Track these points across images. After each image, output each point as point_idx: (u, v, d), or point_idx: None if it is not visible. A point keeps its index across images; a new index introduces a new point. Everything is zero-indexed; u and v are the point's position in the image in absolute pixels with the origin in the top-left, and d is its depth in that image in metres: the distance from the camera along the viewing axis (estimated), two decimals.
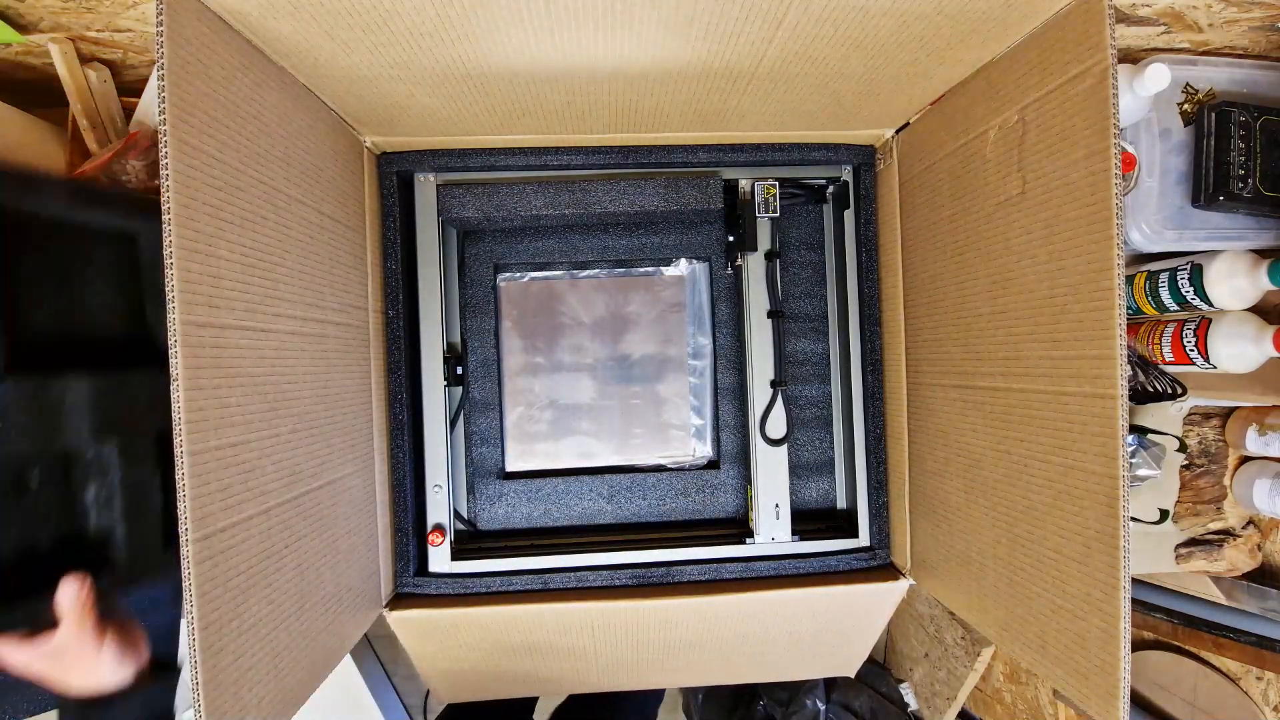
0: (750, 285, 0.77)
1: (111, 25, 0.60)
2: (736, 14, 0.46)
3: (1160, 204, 0.67)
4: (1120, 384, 0.42)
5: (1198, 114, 0.66)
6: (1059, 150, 0.47)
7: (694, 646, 0.76)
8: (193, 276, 0.41)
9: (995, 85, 0.53)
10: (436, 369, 0.73)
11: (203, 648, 0.40)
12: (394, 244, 0.71)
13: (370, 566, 0.66)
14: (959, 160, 0.59)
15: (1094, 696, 0.46)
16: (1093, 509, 0.45)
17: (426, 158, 0.71)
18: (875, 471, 0.76)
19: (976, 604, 0.60)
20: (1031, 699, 1.12)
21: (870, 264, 0.76)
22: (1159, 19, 0.63)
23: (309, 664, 0.53)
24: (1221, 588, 0.86)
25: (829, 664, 0.88)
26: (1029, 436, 0.52)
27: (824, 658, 0.86)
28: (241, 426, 0.45)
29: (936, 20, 0.48)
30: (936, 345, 0.65)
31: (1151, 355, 0.73)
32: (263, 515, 0.48)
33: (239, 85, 0.45)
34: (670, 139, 0.71)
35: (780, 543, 0.75)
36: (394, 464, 0.71)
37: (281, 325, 0.51)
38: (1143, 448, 0.79)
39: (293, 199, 0.53)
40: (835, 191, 0.79)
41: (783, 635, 0.77)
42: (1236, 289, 0.65)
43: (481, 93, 0.57)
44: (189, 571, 0.39)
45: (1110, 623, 0.44)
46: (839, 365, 0.80)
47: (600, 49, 0.50)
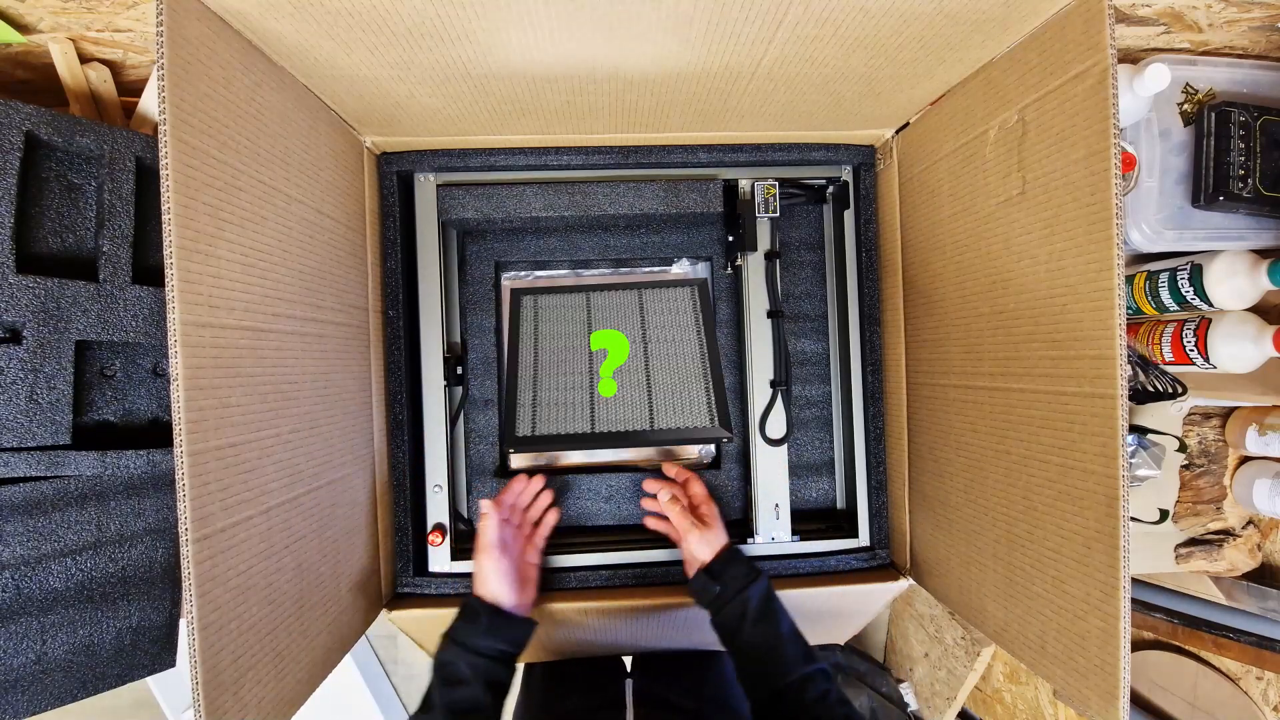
0: (750, 285, 0.77)
1: (111, 25, 0.60)
2: (736, 14, 0.46)
3: (1160, 204, 0.67)
4: (1120, 384, 0.42)
5: (1198, 114, 0.66)
6: (1059, 150, 0.47)
7: (692, 632, 0.76)
8: (193, 276, 0.41)
9: (995, 85, 0.54)
10: (436, 369, 0.73)
11: (203, 648, 0.40)
12: (394, 244, 0.71)
13: (370, 566, 0.66)
14: (959, 160, 0.59)
15: (1094, 696, 0.46)
16: (1093, 509, 0.45)
17: (426, 158, 0.71)
18: (875, 471, 0.76)
19: (976, 604, 0.60)
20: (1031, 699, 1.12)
21: (870, 264, 0.76)
22: (1159, 19, 0.63)
23: (309, 664, 0.53)
24: (1221, 588, 0.86)
25: (821, 638, 0.92)
26: (1029, 436, 0.52)
27: (818, 635, 0.89)
28: (241, 426, 0.45)
29: (937, 20, 0.48)
30: (936, 345, 0.65)
31: (1151, 355, 0.73)
32: (263, 515, 0.48)
33: (239, 85, 0.45)
34: (670, 139, 0.71)
35: (780, 543, 0.75)
36: (394, 464, 0.71)
37: (281, 325, 0.51)
38: (1143, 448, 0.79)
39: (292, 199, 0.53)
40: (835, 191, 0.79)
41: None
42: (1236, 289, 0.65)
43: (481, 93, 0.57)
44: (189, 571, 0.39)
45: (1110, 623, 0.44)
46: (839, 365, 0.80)
47: (600, 49, 0.50)
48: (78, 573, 0.57)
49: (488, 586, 0.61)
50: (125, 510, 0.60)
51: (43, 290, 0.53)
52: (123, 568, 0.60)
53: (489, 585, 0.61)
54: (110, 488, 0.59)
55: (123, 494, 0.59)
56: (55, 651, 0.56)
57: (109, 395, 0.60)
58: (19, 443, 0.52)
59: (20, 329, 0.52)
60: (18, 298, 0.52)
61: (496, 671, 0.56)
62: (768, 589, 0.61)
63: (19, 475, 0.53)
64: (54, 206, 0.56)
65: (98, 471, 0.57)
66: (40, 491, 0.55)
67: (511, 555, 0.64)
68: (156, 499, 0.61)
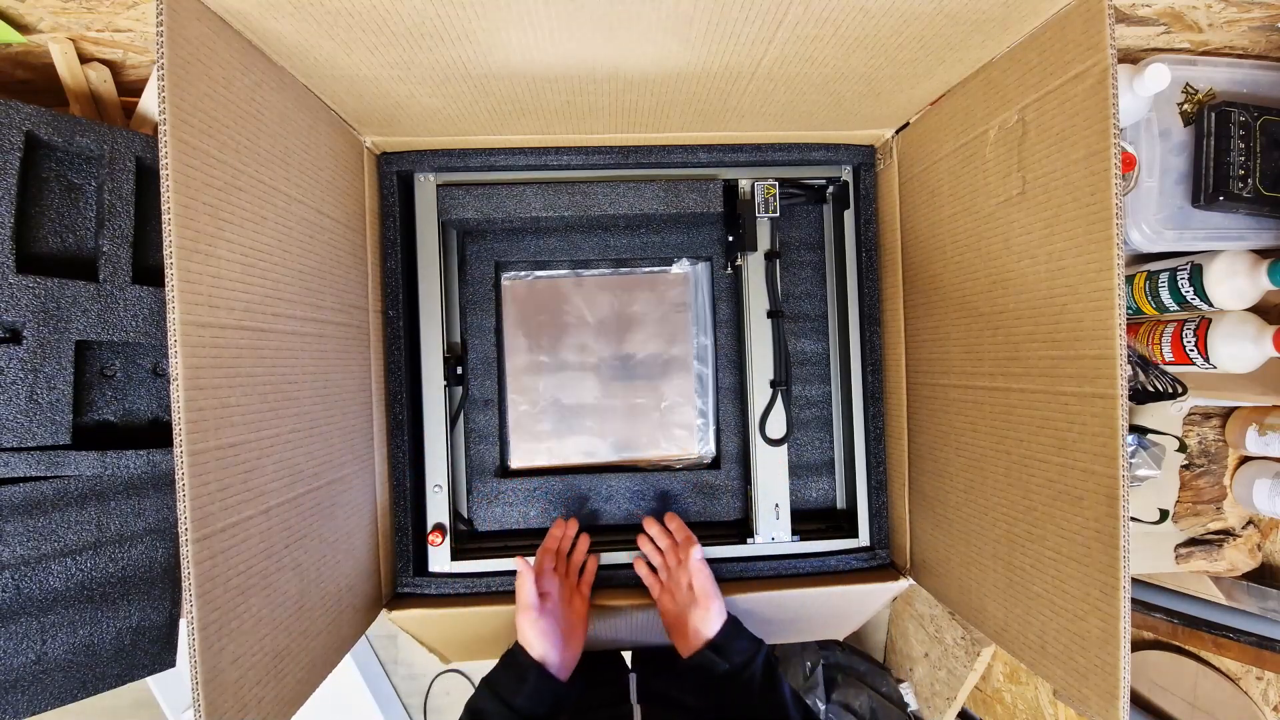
0: (750, 285, 0.77)
1: (111, 25, 0.60)
2: (736, 14, 0.46)
3: (1160, 204, 0.67)
4: (1120, 384, 0.42)
5: (1198, 114, 0.66)
6: (1059, 150, 0.47)
7: None
8: (193, 276, 0.41)
9: (995, 85, 0.53)
10: (436, 369, 0.73)
11: (203, 648, 0.40)
12: (394, 244, 0.71)
13: (370, 566, 0.66)
14: (959, 160, 0.59)
15: (1094, 696, 0.46)
16: (1093, 509, 0.45)
17: (426, 158, 0.71)
18: (875, 471, 0.76)
19: (976, 604, 0.60)
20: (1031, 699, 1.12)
21: (870, 264, 0.75)
22: (1159, 19, 0.63)
23: (309, 664, 0.53)
24: (1221, 588, 0.86)
25: (819, 635, 0.93)
26: (1029, 436, 0.52)
27: (818, 633, 0.90)
28: (241, 426, 0.45)
29: (937, 20, 0.48)
30: (936, 345, 0.65)
31: (1151, 355, 0.73)
32: (263, 515, 0.48)
33: (239, 85, 0.45)
34: (670, 139, 0.71)
35: (780, 543, 0.75)
36: (394, 464, 0.71)
37: (281, 325, 0.51)
38: (1143, 448, 0.79)
39: (292, 199, 0.53)
40: (835, 191, 0.79)
41: (783, 623, 0.79)
42: (1236, 289, 0.65)
43: (481, 93, 0.57)
44: (189, 571, 0.39)
45: (1110, 623, 0.44)
46: (839, 365, 0.80)
47: (600, 49, 0.50)
48: (78, 573, 0.57)
49: (532, 646, 0.59)
50: (125, 510, 0.60)
51: (43, 290, 0.53)
52: (123, 568, 0.60)
53: (533, 645, 0.59)
54: (110, 488, 0.59)
55: (123, 494, 0.59)
56: (55, 651, 0.56)
57: (109, 395, 0.60)
58: (19, 443, 0.52)
59: (20, 329, 0.52)
60: (18, 298, 0.52)
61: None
62: (768, 656, 0.60)
63: (19, 475, 0.53)
64: (54, 206, 0.56)
65: (98, 471, 0.57)
66: (40, 491, 0.55)
67: (554, 609, 0.62)
68: (156, 499, 0.61)
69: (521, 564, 0.64)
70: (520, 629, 0.60)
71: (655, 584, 0.68)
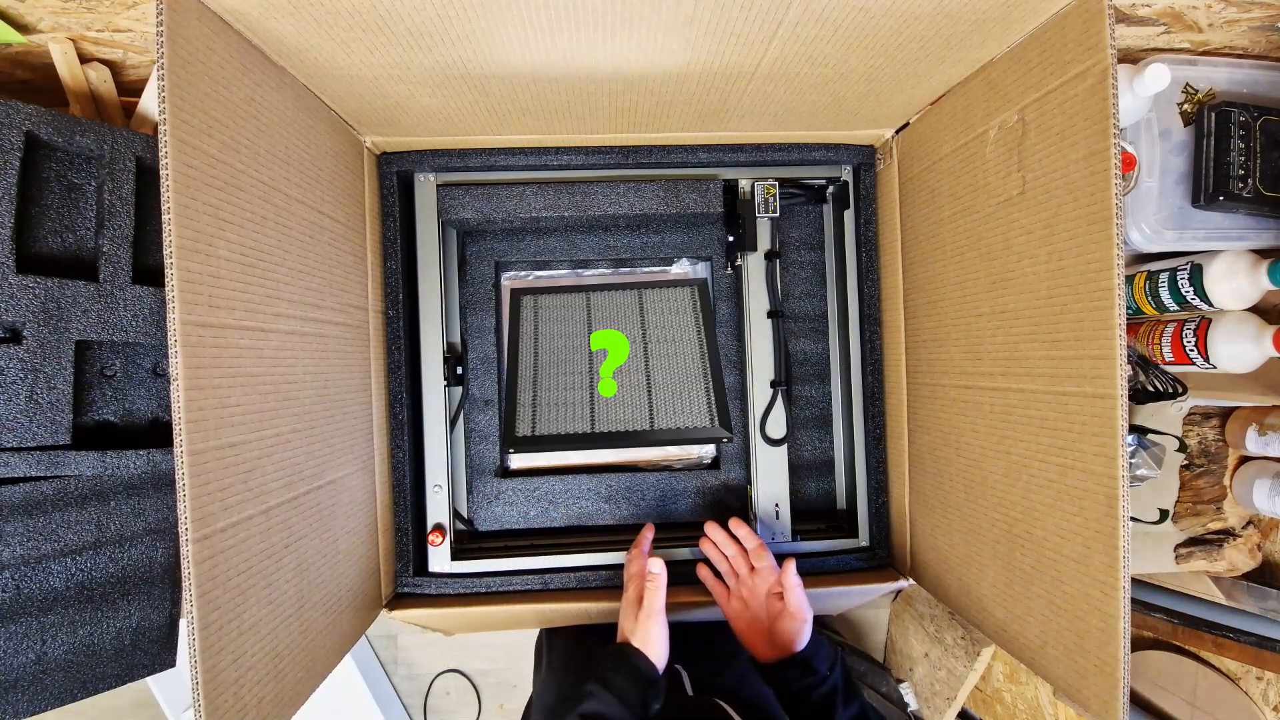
0: (750, 285, 0.77)
1: (111, 25, 0.60)
2: (736, 14, 0.46)
3: (1160, 204, 0.67)
4: (1120, 384, 0.42)
5: (1198, 114, 0.66)
6: (1059, 150, 0.47)
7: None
8: (193, 276, 0.41)
9: (995, 85, 0.53)
10: (436, 369, 0.73)
11: (203, 648, 0.40)
12: (394, 244, 0.71)
13: (370, 566, 0.66)
14: (959, 160, 0.59)
15: (1094, 696, 0.46)
16: (1092, 509, 0.45)
17: (426, 158, 0.71)
18: (875, 471, 0.76)
19: (976, 604, 0.60)
20: (1031, 699, 1.12)
21: (870, 264, 0.76)
22: (1159, 19, 0.63)
23: (309, 664, 0.53)
24: (1221, 588, 0.86)
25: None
26: (1029, 436, 0.52)
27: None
28: (241, 426, 0.45)
29: (936, 20, 0.48)
30: (936, 345, 0.65)
31: (1151, 355, 0.73)
32: (263, 515, 0.48)
33: (239, 86, 0.45)
34: (670, 139, 0.71)
35: (780, 543, 0.75)
36: (394, 464, 0.71)
37: (281, 325, 0.51)
38: (1143, 448, 0.79)
39: (292, 199, 0.53)
40: (835, 191, 0.79)
41: None
42: (1236, 289, 0.65)
43: (481, 93, 0.57)
44: (189, 571, 0.39)
45: (1110, 623, 0.44)
46: (839, 365, 0.80)
47: (600, 49, 0.50)
48: (78, 573, 0.57)
49: (653, 650, 0.57)
50: (125, 510, 0.60)
51: (43, 290, 0.53)
52: (123, 568, 0.60)
53: (655, 651, 0.57)
54: (110, 488, 0.59)
55: (123, 494, 0.59)
56: (55, 651, 0.56)
57: (109, 395, 0.60)
58: (19, 443, 0.52)
59: (20, 329, 0.52)
60: (18, 298, 0.52)
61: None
62: (845, 664, 0.59)
63: (19, 475, 0.53)
64: (54, 206, 0.56)
65: (98, 471, 0.56)
66: (40, 491, 0.55)
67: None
68: (156, 499, 0.61)
69: (663, 566, 0.61)
70: (649, 634, 0.58)
71: (720, 588, 0.67)
